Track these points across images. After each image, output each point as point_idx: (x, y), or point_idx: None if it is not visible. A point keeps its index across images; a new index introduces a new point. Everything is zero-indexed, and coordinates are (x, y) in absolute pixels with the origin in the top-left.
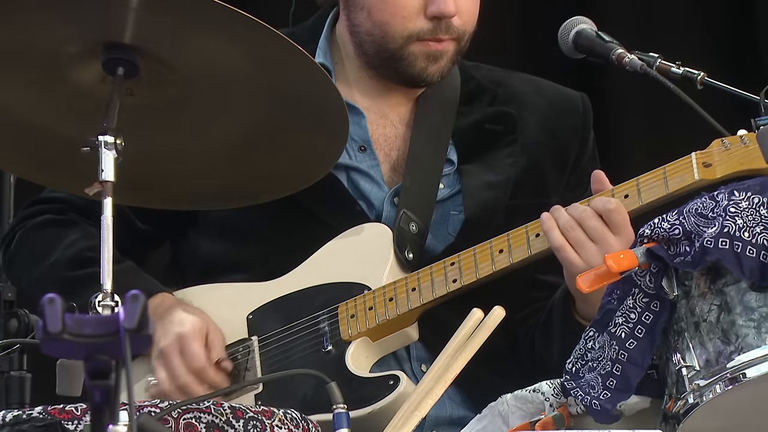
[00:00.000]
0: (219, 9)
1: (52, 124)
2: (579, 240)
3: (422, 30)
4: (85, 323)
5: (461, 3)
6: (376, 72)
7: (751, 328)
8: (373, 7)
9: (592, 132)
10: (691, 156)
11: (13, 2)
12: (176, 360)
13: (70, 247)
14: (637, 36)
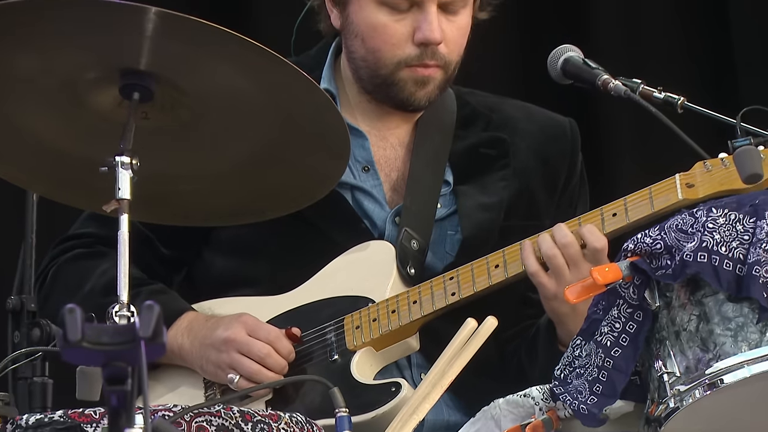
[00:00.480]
0: (230, 37)
1: (72, 146)
2: (556, 264)
3: (410, 56)
4: (103, 332)
5: (447, 32)
6: (372, 96)
7: (728, 336)
8: (366, 35)
9: (581, 155)
10: (675, 177)
11: (34, 30)
12: (248, 339)
13: (102, 276)
14: (623, 61)
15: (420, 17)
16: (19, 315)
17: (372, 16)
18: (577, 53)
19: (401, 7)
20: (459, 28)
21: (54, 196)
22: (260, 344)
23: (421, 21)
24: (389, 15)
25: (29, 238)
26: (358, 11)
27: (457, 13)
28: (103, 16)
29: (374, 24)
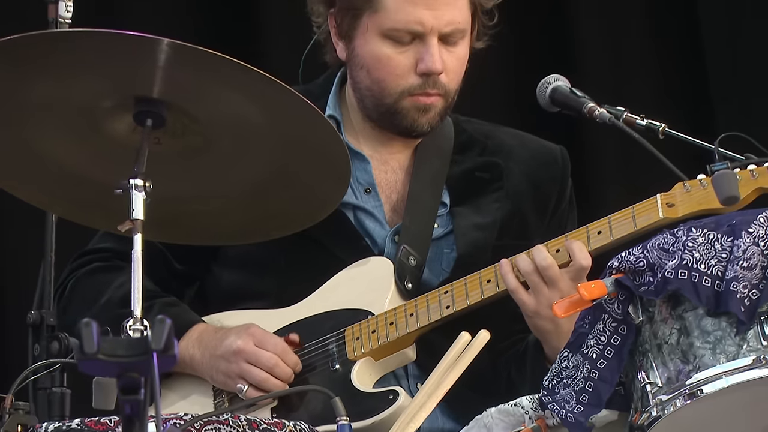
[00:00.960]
0: (238, 67)
1: (89, 169)
2: (534, 282)
3: (413, 86)
4: (117, 345)
5: (448, 62)
6: (375, 123)
7: (707, 349)
8: (371, 67)
9: (570, 181)
10: (656, 197)
11: (53, 60)
12: (256, 349)
13: (119, 288)
14: (607, 90)
15: (422, 49)
16: (39, 329)
17: (377, 48)
18: (564, 83)
19: (404, 40)
20: (458, 58)
21: (72, 216)
22: (268, 355)
23: (423, 53)
24: (393, 48)
25: (48, 256)
26: (364, 44)
27: (456, 44)
28: (118, 47)
29: (379, 56)
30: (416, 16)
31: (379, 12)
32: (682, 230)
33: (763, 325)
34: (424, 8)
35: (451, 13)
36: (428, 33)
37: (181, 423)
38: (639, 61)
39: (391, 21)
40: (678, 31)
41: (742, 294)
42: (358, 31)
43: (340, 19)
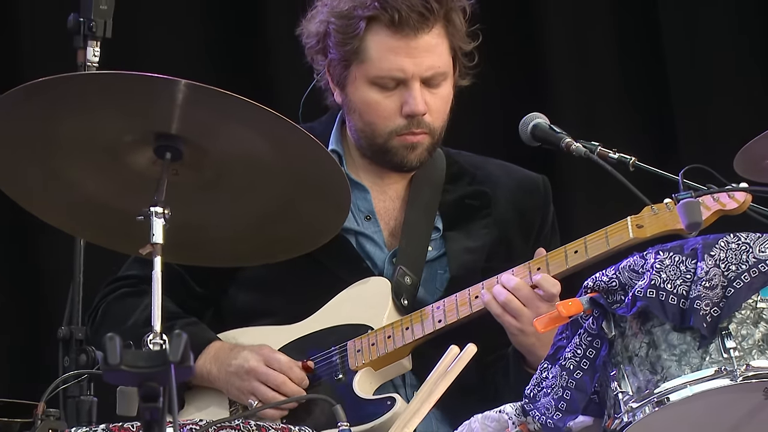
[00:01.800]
0: (250, 106)
1: (113, 198)
2: (513, 307)
3: (400, 126)
4: (138, 357)
5: (431, 103)
6: (370, 160)
7: (674, 361)
8: (362, 111)
9: (552, 207)
10: (627, 219)
11: (82, 99)
12: (267, 369)
13: (144, 311)
14: (582, 124)
15: (406, 93)
16: (69, 343)
17: (366, 95)
18: (544, 119)
19: (389, 86)
20: (441, 98)
21: (98, 241)
22: (276, 374)
23: (407, 96)
24: (380, 93)
25: (77, 277)
26: (354, 91)
27: (438, 86)
28: (140, 88)
29: (368, 101)
30: (398, 64)
31: (366, 62)
32: (651, 253)
33: (723, 339)
34: (405, 56)
35: (431, 59)
36: (410, 78)
37: (197, 428)
38: (611, 106)
39: (376, 69)
40: (644, 59)
41: (705, 311)
42: (348, 79)
43: (333, 69)
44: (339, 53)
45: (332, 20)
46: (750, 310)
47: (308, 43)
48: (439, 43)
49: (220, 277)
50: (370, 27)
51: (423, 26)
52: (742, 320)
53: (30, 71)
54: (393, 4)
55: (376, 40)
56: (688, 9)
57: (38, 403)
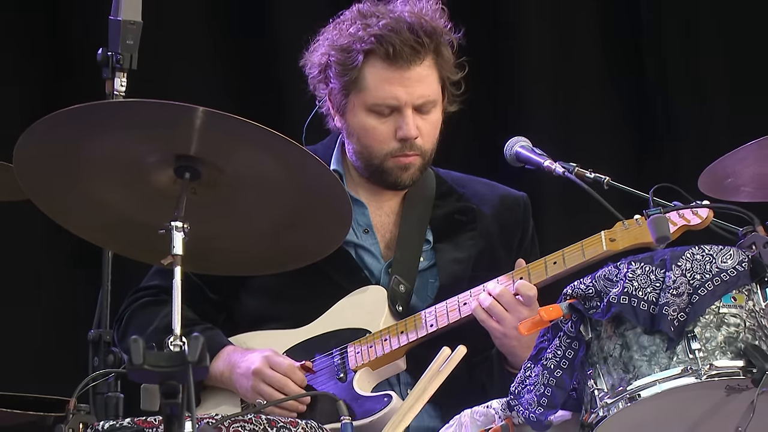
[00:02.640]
0: (261, 130)
1: (137, 213)
2: (497, 312)
3: (394, 149)
4: (159, 357)
5: (422, 128)
6: (367, 179)
7: (644, 361)
8: (360, 135)
9: (532, 221)
10: (601, 233)
11: (109, 124)
12: (271, 371)
13: (164, 318)
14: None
15: (399, 119)
16: (98, 345)
17: (363, 120)
18: (527, 143)
19: (384, 113)
20: (431, 123)
21: (124, 252)
22: (279, 376)
23: (401, 122)
24: (376, 119)
25: (105, 285)
26: (353, 117)
27: (429, 112)
28: (162, 114)
29: (365, 126)
30: (392, 93)
31: (363, 91)
32: (624, 264)
33: (689, 342)
34: (399, 86)
35: (422, 89)
36: (403, 106)
37: (213, 422)
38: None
39: (372, 98)
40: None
41: (672, 316)
42: (347, 106)
43: (334, 97)
44: (339, 83)
45: (332, 53)
46: (713, 315)
47: (311, 73)
48: (430, 74)
49: (233, 285)
50: (367, 59)
51: (415, 59)
52: (706, 324)
53: (64, 99)
54: (388, 39)
55: (373, 72)
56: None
57: (70, 399)
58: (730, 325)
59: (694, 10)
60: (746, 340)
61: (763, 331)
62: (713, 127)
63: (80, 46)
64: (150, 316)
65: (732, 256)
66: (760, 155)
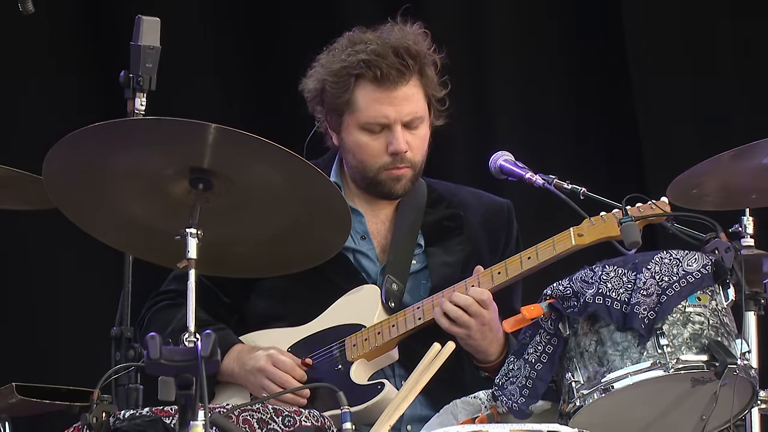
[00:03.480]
0: (268, 146)
1: (155, 221)
2: (464, 320)
3: (386, 163)
4: (175, 352)
5: (411, 142)
6: (363, 190)
7: (617, 355)
8: (354, 151)
9: (516, 226)
10: (570, 230)
11: (130, 140)
12: (273, 369)
13: (181, 320)
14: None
15: (390, 135)
16: (120, 341)
17: (357, 138)
18: (510, 157)
19: (376, 130)
20: (419, 138)
21: (143, 256)
22: (281, 373)
23: (391, 138)
24: (368, 136)
25: (126, 286)
26: (348, 135)
27: (417, 128)
28: (178, 130)
29: (359, 143)
30: (382, 112)
31: (356, 111)
32: (599, 267)
33: (658, 338)
34: (388, 105)
35: (409, 107)
36: (393, 123)
37: (223, 411)
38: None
39: (364, 117)
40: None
41: (643, 315)
42: (342, 126)
43: (330, 117)
44: (333, 104)
45: (327, 78)
46: (680, 313)
47: (308, 96)
48: (416, 93)
49: (243, 289)
50: (358, 83)
51: (401, 80)
52: (674, 322)
53: (90, 117)
54: (375, 63)
55: (363, 93)
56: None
57: (94, 390)
58: (695, 323)
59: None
60: (710, 337)
61: (725, 328)
62: (678, 136)
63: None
64: (167, 318)
65: (697, 260)
66: (721, 169)
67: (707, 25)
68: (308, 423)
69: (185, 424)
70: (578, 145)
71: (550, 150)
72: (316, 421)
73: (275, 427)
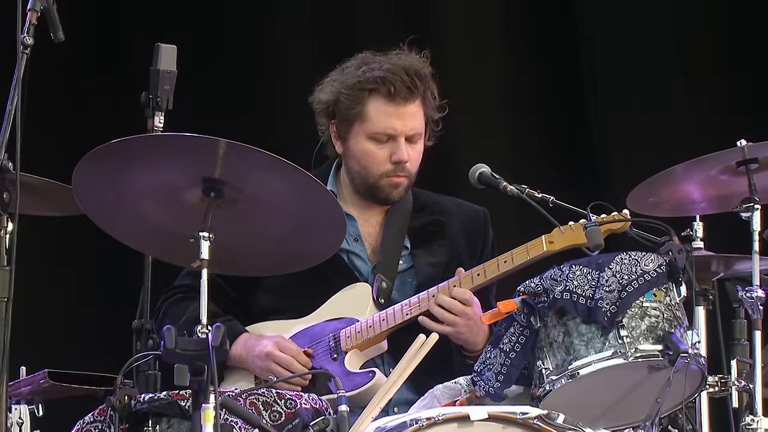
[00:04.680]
0: (272, 158)
1: (172, 225)
2: (451, 319)
3: (388, 170)
4: (188, 342)
5: (411, 154)
6: (362, 195)
7: (582, 345)
8: (360, 158)
9: (492, 231)
10: (542, 237)
11: (148, 154)
12: (280, 353)
13: (193, 311)
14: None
15: (394, 146)
16: (140, 332)
17: (364, 146)
18: (487, 169)
19: (382, 140)
20: (417, 152)
21: (161, 257)
22: (287, 357)
23: (396, 148)
24: (374, 145)
25: (146, 283)
26: (355, 143)
27: (416, 142)
28: (192, 145)
29: (366, 151)
30: (391, 124)
31: (366, 122)
32: (566, 266)
33: (619, 330)
34: (396, 119)
35: (413, 122)
36: (398, 135)
37: (232, 395)
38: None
39: (374, 127)
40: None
41: (605, 309)
42: (351, 134)
43: (339, 126)
44: (346, 115)
45: (342, 91)
46: (638, 308)
47: (318, 107)
48: (418, 111)
49: (249, 285)
50: (371, 96)
51: (409, 97)
52: (633, 315)
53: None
54: (390, 80)
55: (375, 106)
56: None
57: (117, 376)
58: (651, 317)
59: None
60: (664, 329)
61: (678, 321)
62: (637, 145)
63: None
64: (181, 310)
65: (653, 260)
66: (674, 180)
67: (658, 43)
68: (308, 405)
69: (198, 407)
70: (541, 153)
71: (519, 164)
72: (314, 403)
73: (278, 409)
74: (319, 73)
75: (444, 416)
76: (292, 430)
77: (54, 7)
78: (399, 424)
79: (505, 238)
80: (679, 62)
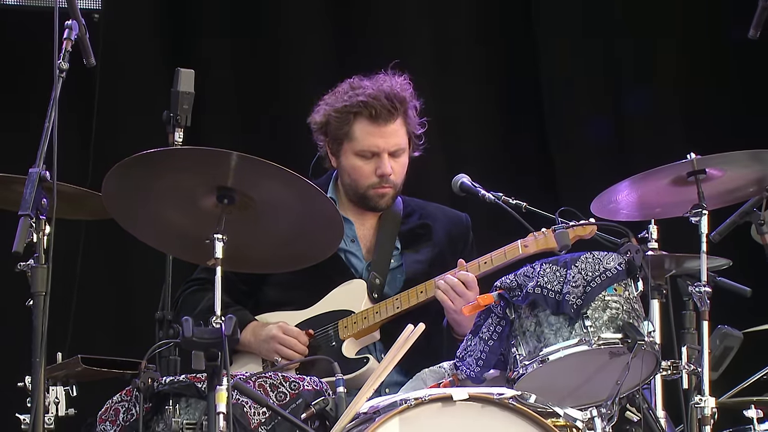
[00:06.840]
0: (279, 169)
1: (190, 228)
2: (454, 296)
3: (374, 183)
4: (204, 332)
5: (395, 167)
6: (354, 204)
7: (552, 334)
8: (349, 172)
9: (472, 235)
10: (518, 242)
11: (167, 165)
12: (284, 335)
13: (208, 302)
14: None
15: (379, 161)
16: (162, 322)
17: (352, 162)
18: (468, 179)
19: (367, 156)
20: (401, 165)
21: (180, 256)
22: (290, 338)
23: (380, 163)
24: (361, 161)
25: (167, 279)
26: (345, 160)
27: (399, 156)
28: (207, 157)
29: (353, 166)
30: (374, 142)
31: (353, 140)
32: (538, 264)
33: (584, 320)
34: (379, 138)
35: (395, 140)
36: (382, 152)
37: (242, 378)
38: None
39: (360, 146)
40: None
41: (572, 302)
42: (341, 151)
43: (331, 144)
44: (335, 134)
45: (331, 114)
46: (600, 301)
47: (314, 127)
48: (400, 129)
49: (258, 280)
50: (356, 118)
51: (390, 118)
52: (596, 308)
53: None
54: (371, 104)
55: (360, 127)
56: None
57: (142, 361)
58: (612, 309)
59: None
60: (624, 319)
61: (635, 312)
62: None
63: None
64: (197, 300)
65: (614, 259)
66: (632, 188)
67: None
68: (310, 387)
69: (213, 388)
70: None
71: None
72: (316, 386)
73: (284, 390)
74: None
75: (430, 396)
76: (296, 408)
77: (86, 36)
78: (390, 404)
79: (486, 242)
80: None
